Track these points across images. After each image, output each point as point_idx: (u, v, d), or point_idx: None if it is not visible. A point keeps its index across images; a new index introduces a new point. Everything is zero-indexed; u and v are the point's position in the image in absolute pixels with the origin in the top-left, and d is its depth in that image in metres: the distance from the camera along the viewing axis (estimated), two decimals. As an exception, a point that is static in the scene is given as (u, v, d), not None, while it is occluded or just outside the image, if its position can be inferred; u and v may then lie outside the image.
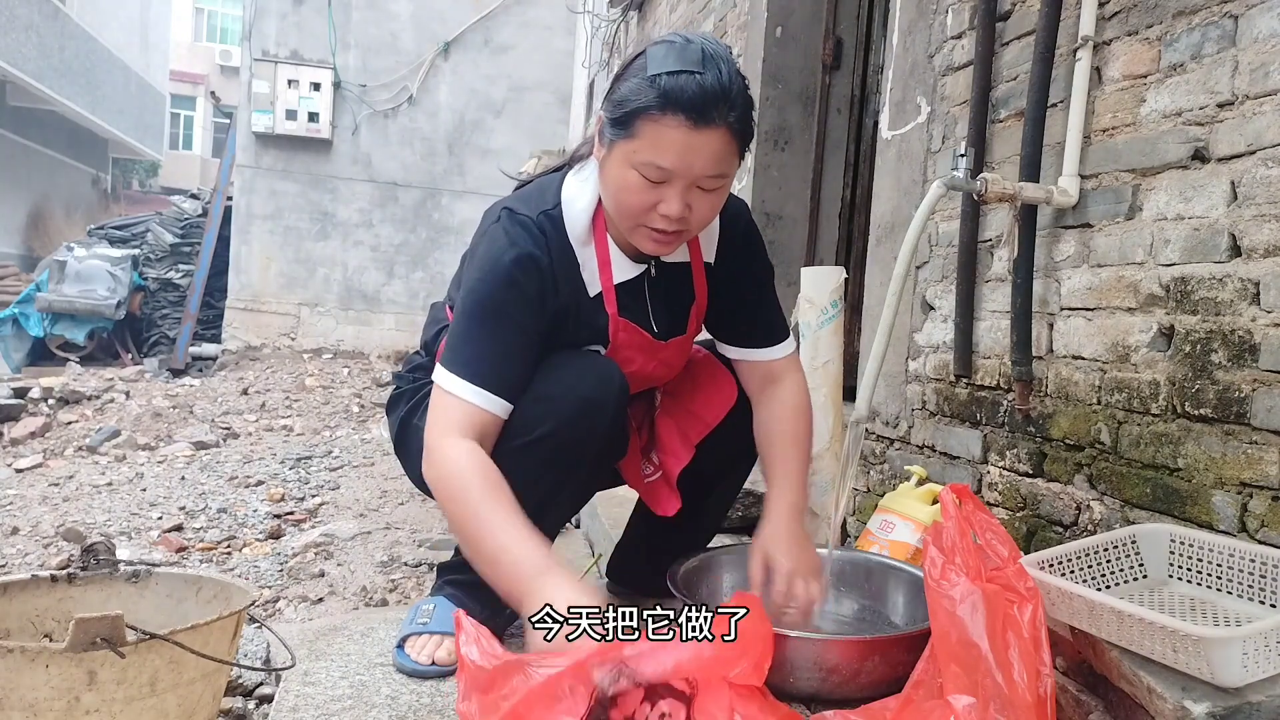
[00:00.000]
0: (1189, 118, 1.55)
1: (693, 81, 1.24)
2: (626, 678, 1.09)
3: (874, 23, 3.55)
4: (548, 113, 9.90)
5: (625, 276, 1.48)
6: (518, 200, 1.47)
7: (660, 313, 1.54)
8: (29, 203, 16.98)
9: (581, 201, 1.44)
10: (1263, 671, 1.06)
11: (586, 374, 1.42)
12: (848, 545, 2.19)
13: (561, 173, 1.50)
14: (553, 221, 1.43)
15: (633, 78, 1.30)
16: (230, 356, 9.22)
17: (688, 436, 1.63)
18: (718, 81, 1.26)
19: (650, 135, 1.27)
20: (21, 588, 1.30)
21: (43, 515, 3.54)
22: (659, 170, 1.28)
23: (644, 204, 1.32)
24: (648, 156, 1.28)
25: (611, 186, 1.35)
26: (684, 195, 1.30)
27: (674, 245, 1.41)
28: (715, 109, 1.26)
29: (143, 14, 21.44)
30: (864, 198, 3.43)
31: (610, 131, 1.32)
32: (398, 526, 3.39)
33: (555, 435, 1.37)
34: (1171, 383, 1.55)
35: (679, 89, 1.24)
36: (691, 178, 1.29)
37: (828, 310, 2.09)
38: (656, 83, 1.25)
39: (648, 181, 1.30)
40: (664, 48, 1.29)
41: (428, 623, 1.48)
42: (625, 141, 1.29)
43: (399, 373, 1.70)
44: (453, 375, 1.35)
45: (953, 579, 1.15)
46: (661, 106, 1.25)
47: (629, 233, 1.39)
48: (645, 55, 1.30)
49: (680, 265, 1.54)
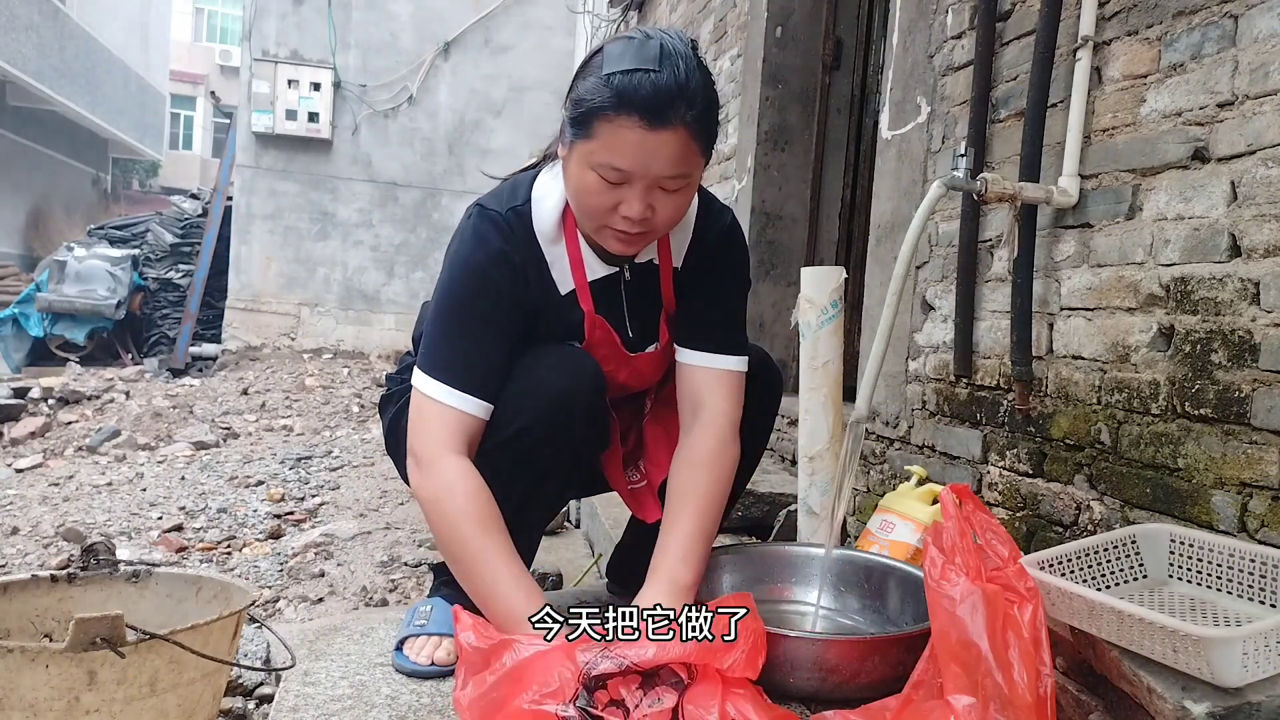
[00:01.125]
0: (1189, 118, 1.55)
1: (647, 80, 1.21)
2: (612, 660, 1.09)
3: (874, 23, 3.55)
4: (548, 113, 9.89)
5: (598, 275, 1.47)
6: (490, 196, 1.46)
7: (635, 318, 1.52)
8: (29, 203, 16.98)
9: (550, 199, 1.42)
10: (1263, 671, 1.05)
11: (558, 366, 1.41)
12: (848, 545, 2.19)
13: (536, 169, 1.49)
14: (520, 218, 1.42)
15: (590, 76, 1.27)
16: (230, 356, 9.22)
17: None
18: (674, 79, 1.22)
19: (606, 136, 1.24)
20: (21, 588, 1.30)
21: (43, 515, 3.54)
22: (616, 172, 1.26)
23: (604, 205, 1.30)
24: (604, 158, 1.25)
25: (572, 186, 1.33)
26: (645, 196, 1.28)
27: (640, 245, 1.40)
28: (671, 108, 1.22)
29: (143, 14, 21.44)
30: (864, 198, 3.43)
31: (569, 131, 1.29)
32: (398, 526, 3.39)
33: (530, 431, 1.37)
34: (1171, 383, 1.55)
35: (633, 88, 1.21)
36: (650, 179, 1.26)
37: (828, 310, 2.09)
38: (611, 82, 1.22)
39: (607, 183, 1.27)
40: (621, 44, 1.26)
41: (425, 624, 1.48)
42: (583, 142, 1.26)
43: (391, 374, 1.70)
44: (431, 379, 1.35)
45: (953, 579, 1.15)
46: (616, 106, 1.22)
47: (594, 233, 1.38)
48: (602, 53, 1.27)
49: (650, 266, 1.52)
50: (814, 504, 2.07)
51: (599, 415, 1.48)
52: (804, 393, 2.11)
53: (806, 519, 2.09)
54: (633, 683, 1.11)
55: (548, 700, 1.07)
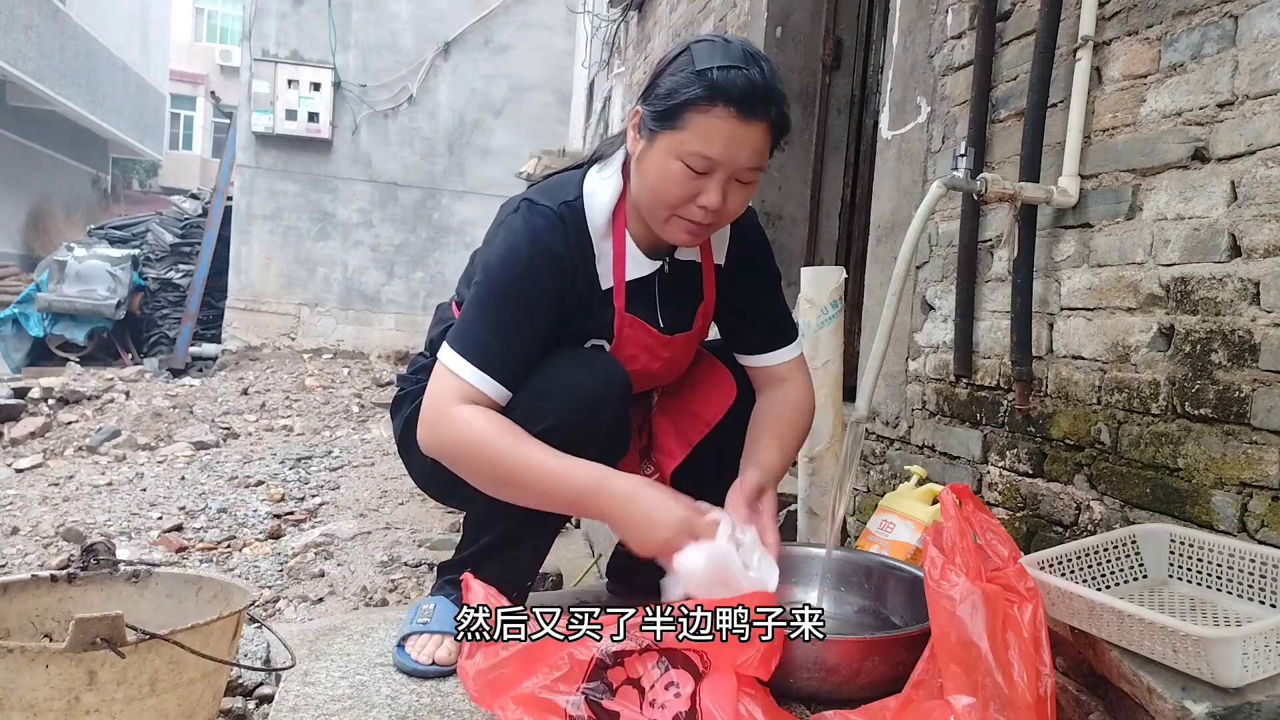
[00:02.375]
0: (1189, 118, 1.55)
1: (741, 76, 1.31)
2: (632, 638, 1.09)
3: (874, 23, 3.55)
4: (548, 113, 9.90)
5: (639, 273, 1.50)
6: (538, 192, 1.49)
7: (667, 310, 1.55)
8: (29, 203, 16.98)
9: (603, 196, 1.46)
10: (1263, 671, 1.06)
11: (590, 370, 1.43)
12: (848, 545, 2.19)
13: (583, 169, 1.52)
14: (574, 212, 1.45)
15: (678, 73, 1.35)
16: (230, 356, 9.22)
17: (686, 436, 1.63)
18: (762, 78, 1.32)
19: (698, 126, 1.31)
20: (21, 588, 1.30)
21: (43, 515, 3.54)
22: (705, 160, 1.33)
23: (684, 195, 1.36)
24: (695, 147, 1.32)
25: (652, 177, 1.38)
26: (723, 187, 1.35)
27: (704, 237, 1.46)
28: (761, 103, 1.32)
29: (143, 14, 21.43)
30: (864, 198, 3.43)
31: (653, 124, 1.36)
32: (398, 526, 3.39)
33: (558, 431, 1.37)
34: (1171, 383, 1.55)
35: (729, 82, 1.30)
36: (734, 169, 1.34)
37: (828, 310, 2.09)
38: (706, 76, 1.31)
39: (691, 172, 1.34)
40: (709, 45, 1.35)
41: (428, 622, 1.48)
42: (671, 133, 1.33)
43: (403, 374, 1.70)
44: (458, 356, 1.37)
45: (953, 579, 1.15)
46: (711, 99, 1.30)
47: (662, 224, 1.41)
48: (690, 51, 1.36)
49: (692, 265, 1.56)
50: (814, 504, 2.07)
51: (623, 424, 1.50)
52: (804, 393, 2.10)
53: (806, 519, 2.09)
54: (649, 660, 1.10)
55: (559, 685, 1.06)
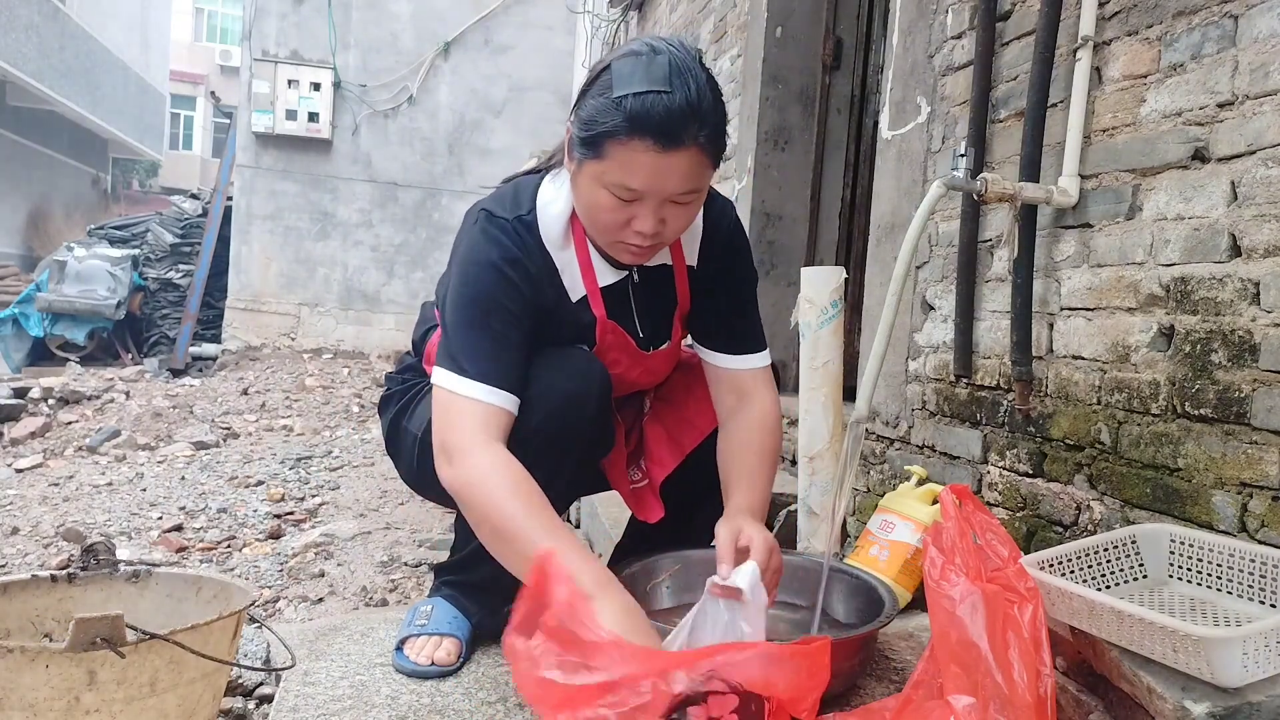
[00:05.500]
0: (1189, 118, 1.55)
1: (660, 103, 1.20)
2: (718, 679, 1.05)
3: (874, 23, 3.55)
4: (548, 113, 9.89)
5: (608, 280, 1.48)
6: (493, 202, 1.45)
7: (645, 318, 1.53)
8: (29, 203, 16.99)
9: (556, 207, 1.42)
10: (1263, 671, 1.05)
11: (567, 369, 1.41)
12: (848, 545, 2.19)
13: (539, 175, 1.49)
14: (527, 227, 1.41)
15: (598, 96, 1.26)
16: (230, 356, 9.21)
17: (679, 443, 1.62)
18: (686, 100, 1.21)
19: (619, 158, 1.24)
20: (21, 588, 1.30)
21: (43, 515, 3.54)
22: (630, 191, 1.26)
23: (616, 222, 1.31)
24: (617, 178, 1.25)
25: (584, 203, 1.34)
26: (657, 212, 1.29)
27: (651, 255, 1.41)
28: (685, 130, 1.22)
29: (143, 14, 21.44)
30: (864, 198, 3.43)
31: (579, 150, 1.29)
32: (398, 526, 3.39)
33: (539, 433, 1.36)
34: (1171, 383, 1.55)
35: (645, 112, 1.20)
36: (663, 197, 1.27)
37: (828, 310, 2.09)
38: (622, 105, 1.21)
39: (619, 200, 1.28)
40: (629, 62, 1.24)
41: (426, 624, 1.48)
42: (594, 162, 1.27)
43: (390, 374, 1.70)
44: (458, 376, 1.33)
45: (953, 579, 1.14)
46: (629, 131, 1.21)
47: (606, 246, 1.40)
48: (610, 71, 1.26)
49: (663, 268, 1.53)
50: (814, 504, 2.07)
51: (606, 419, 1.48)
52: (804, 393, 2.11)
53: (806, 519, 2.09)
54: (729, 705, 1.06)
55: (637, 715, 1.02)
